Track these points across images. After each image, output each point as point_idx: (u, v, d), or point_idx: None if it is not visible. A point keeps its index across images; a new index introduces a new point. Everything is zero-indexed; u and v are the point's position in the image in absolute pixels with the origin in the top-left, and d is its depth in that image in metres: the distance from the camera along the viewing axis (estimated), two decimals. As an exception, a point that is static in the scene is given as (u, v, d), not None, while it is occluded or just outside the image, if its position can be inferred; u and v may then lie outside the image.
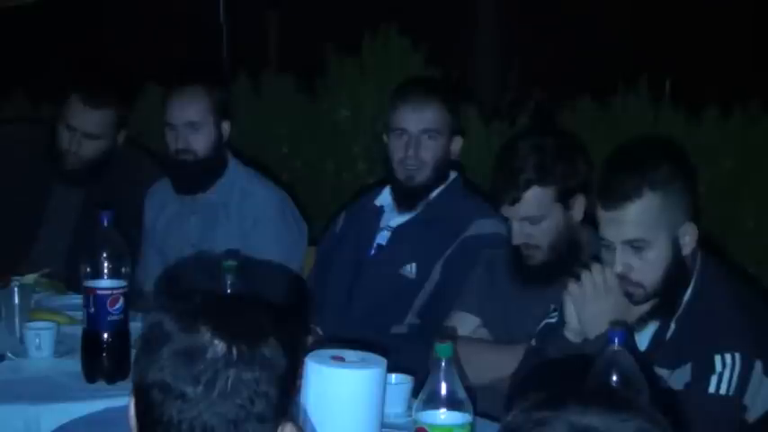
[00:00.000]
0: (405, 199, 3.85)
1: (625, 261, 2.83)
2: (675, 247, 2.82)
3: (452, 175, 3.87)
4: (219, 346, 1.69)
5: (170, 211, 4.24)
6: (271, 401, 1.70)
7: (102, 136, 4.34)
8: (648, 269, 2.82)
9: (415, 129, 3.80)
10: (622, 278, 2.84)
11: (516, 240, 3.35)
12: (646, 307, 2.88)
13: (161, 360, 1.70)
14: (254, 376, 1.69)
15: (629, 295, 2.86)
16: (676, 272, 2.84)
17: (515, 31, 8.23)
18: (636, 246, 2.81)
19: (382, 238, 3.88)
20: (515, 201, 3.31)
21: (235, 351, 1.69)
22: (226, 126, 4.15)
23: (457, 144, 3.85)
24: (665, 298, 2.85)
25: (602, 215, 2.85)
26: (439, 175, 3.82)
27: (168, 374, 1.69)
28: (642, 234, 2.80)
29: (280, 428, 1.73)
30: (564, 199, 3.33)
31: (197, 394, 1.68)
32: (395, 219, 3.87)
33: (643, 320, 2.87)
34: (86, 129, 4.32)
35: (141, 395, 1.71)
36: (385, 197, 3.93)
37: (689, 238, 2.83)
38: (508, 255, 3.43)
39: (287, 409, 1.75)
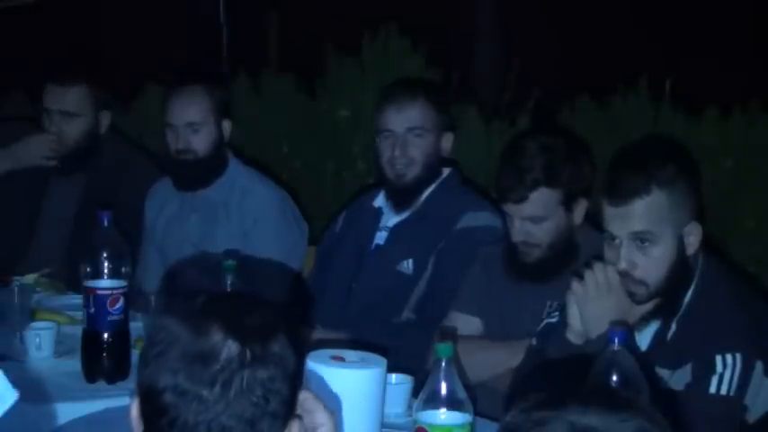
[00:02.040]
0: (397, 198, 3.87)
1: (629, 258, 2.82)
2: (680, 245, 2.83)
3: (446, 171, 3.88)
4: (233, 346, 1.68)
5: (170, 211, 4.24)
6: (283, 398, 1.71)
7: (79, 113, 4.36)
8: (652, 266, 2.82)
9: (401, 128, 3.80)
10: (625, 276, 2.83)
11: (516, 238, 3.35)
12: (648, 306, 2.87)
13: (172, 363, 1.68)
14: (269, 374, 1.69)
15: (631, 294, 2.85)
16: (680, 271, 2.84)
17: (515, 31, 8.22)
18: (642, 239, 2.81)
19: (380, 238, 3.89)
20: (522, 200, 3.31)
21: (248, 351, 1.69)
22: (226, 125, 4.16)
23: (447, 141, 3.85)
24: (667, 298, 2.85)
25: (609, 211, 2.85)
26: (430, 173, 3.82)
27: (182, 378, 1.68)
28: (649, 227, 2.80)
29: (288, 427, 1.73)
30: (568, 202, 3.33)
31: (214, 396, 1.67)
32: (392, 219, 3.88)
33: (645, 320, 2.87)
34: (61, 107, 4.35)
35: (150, 399, 1.70)
36: (383, 198, 3.93)
37: (693, 238, 2.84)
38: (504, 250, 3.43)
39: (295, 406, 1.75)
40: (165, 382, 1.68)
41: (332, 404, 2.49)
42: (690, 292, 2.85)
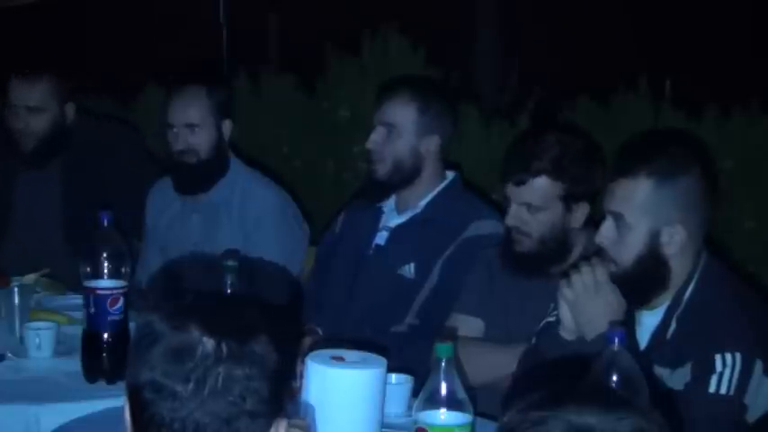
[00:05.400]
0: (367, 190, 3.89)
1: (606, 233, 2.83)
2: (654, 241, 2.80)
3: (450, 175, 3.87)
4: (209, 343, 1.69)
5: (172, 211, 4.25)
6: (263, 398, 1.70)
7: (44, 108, 4.38)
8: (621, 248, 2.82)
9: (377, 121, 3.83)
10: (604, 251, 2.85)
11: (510, 222, 3.36)
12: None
13: (152, 360, 1.70)
14: (245, 373, 1.69)
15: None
16: (650, 266, 2.81)
17: (515, 31, 8.22)
18: (616, 220, 2.81)
19: (381, 238, 3.88)
20: (521, 183, 3.31)
21: (224, 348, 1.69)
22: (227, 125, 4.15)
23: (430, 143, 3.82)
24: (634, 288, 2.84)
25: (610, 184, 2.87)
26: (402, 173, 3.80)
27: (159, 373, 1.69)
28: (622, 210, 2.80)
29: (274, 426, 1.73)
30: (568, 200, 3.33)
31: (188, 392, 1.68)
32: (393, 219, 3.87)
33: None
34: (26, 102, 4.37)
35: (133, 396, 1.72)
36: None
37: (676, 239, 2.81)
38: (502, 242, 3.44)
39: (281, 406, 1.75)
40: (144, 378, 1.70)
41: (330, 404, 2.50)
42: (689, 291, 2.85)
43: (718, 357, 2.74)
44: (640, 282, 2.84)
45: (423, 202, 3.82)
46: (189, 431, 1.68)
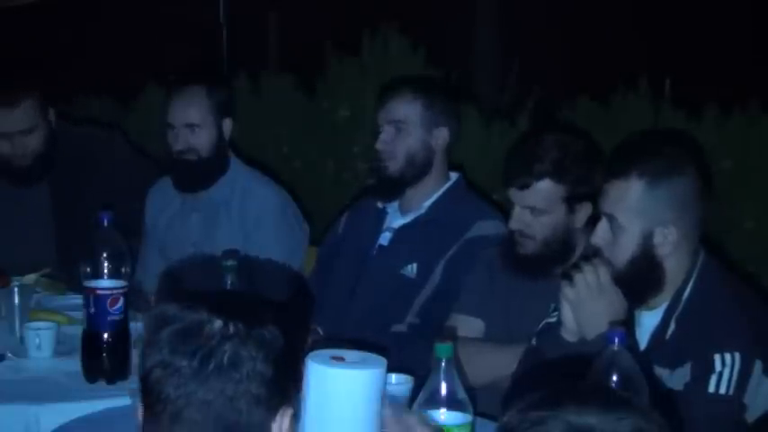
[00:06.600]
0: (379, 190, 3.87)
1: (602, 234, 2.84)
2: (647, 242, 2.80)
3: (454, 176, 3.87)
4: (217, 322, 1.71)
5: (171, 210, 4.25)
6: (266, 381, 1.71)
7: (33, 128, 4.32)
8: (616, 250, 2.82)
9: (383, 121, 3.82)
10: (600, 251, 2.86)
11: (513, 225, 3.37)
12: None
13: (161, 341, 1.72)
14: (251, 354, 1.70)
15: None
16: (644, 267, 2.81)
17: (515, 31, 8.23)
18: (610, 221, 2.82)
19: (384, 238, 3.88)
20: (525, 187, 3.32)
21: (231, 327, 1.71)
22: (227, 123, 4.16)
23: (439, 136, 3.82)
24: (629, 289, 2.84)
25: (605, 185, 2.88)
26: (415, 167, 3.80)
27: (167, 352, 1.71)
28: (614, 212, 2.80)
29: (279, 414, 1.74)
30: (570, 201, 3.34)
31: (192, 369, 1.69)
32: (397, 220, 3.87)
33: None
34: (14, 128, 4.29)
35: (144, 380, 1.73)
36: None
37: (671, 239, 2.80)
38: (503, 243, 3.44)
39: (287, 394, 1.75)
40: (154, 359, 1.72)
41: (330, 404, 2.50)
42: (687, 291, 2.85)
43: (717, 357, 2.74)
44: (635, 283, 2.84)
45: (427, 203, 3.82)
46: (193, 408, 1.69)
